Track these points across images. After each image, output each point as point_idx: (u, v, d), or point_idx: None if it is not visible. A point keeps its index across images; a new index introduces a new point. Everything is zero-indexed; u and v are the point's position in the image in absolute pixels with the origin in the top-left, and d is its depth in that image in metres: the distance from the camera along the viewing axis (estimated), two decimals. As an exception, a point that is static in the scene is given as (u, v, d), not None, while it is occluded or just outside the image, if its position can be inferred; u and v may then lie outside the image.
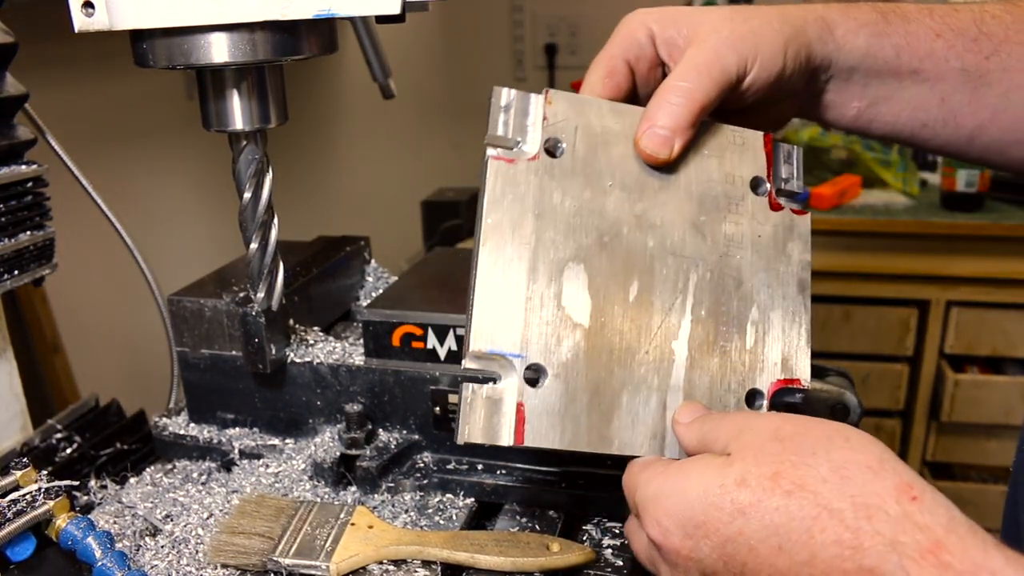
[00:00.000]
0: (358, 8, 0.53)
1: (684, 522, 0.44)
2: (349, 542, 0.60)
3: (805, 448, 0.42)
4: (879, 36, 0.60)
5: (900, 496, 0.39)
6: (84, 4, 0.52)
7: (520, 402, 0.48)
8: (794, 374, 0.54)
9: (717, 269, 0.54)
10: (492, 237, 0.50)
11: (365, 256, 0.91)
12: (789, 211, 0.57)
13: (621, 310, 0.51)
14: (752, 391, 0.53)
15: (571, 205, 0.52)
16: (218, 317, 0.73)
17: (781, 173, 0.59)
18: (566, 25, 2.96)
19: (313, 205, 2.16)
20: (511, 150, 0.52)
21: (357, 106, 2.32)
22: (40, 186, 0.73)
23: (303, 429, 0.74)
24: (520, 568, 0.58)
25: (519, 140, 0.52)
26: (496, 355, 0.49)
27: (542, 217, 0.51)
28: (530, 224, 0.51)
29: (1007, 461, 2.38)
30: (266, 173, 0.64)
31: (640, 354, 0.51)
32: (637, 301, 0.52)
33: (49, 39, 1.04)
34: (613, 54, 0.59)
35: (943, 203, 2.00)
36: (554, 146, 0.53)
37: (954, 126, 0.62)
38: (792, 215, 0.57)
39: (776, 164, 0.59)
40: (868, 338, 2.06)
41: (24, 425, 0.79)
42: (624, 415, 0.50)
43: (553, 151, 0.53)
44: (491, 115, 0.52)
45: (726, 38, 0.55)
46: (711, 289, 0.54)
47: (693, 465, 0.45)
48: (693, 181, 0.55)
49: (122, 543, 0.63)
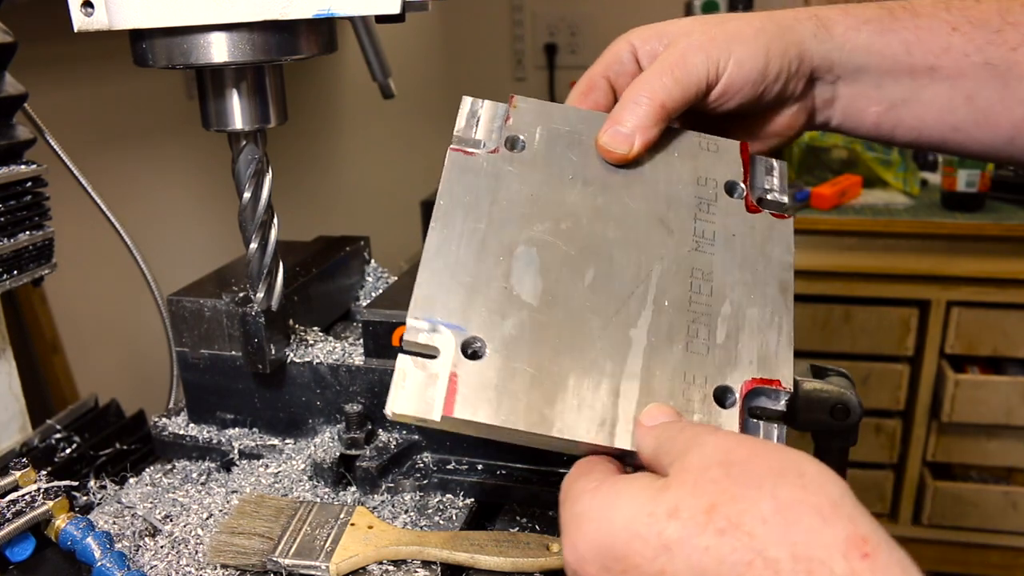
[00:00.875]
0: (358, 8, 0.53)
1: (603, 552, 0.38)
2: (349, 542, 0.60)
3: (751, 479, 0.36)
4: (884, 32, 0.57)
5: (850, 551, 0.33)
6: (83, 4, 0.51)
7: (454, 372, 0.47)
8: (773, 375, 0.51)
9: (685, 263, 0.53)
10: (443, 216, 0.51)
11: (365, 256, 0.91)
12: (768, 214, 0.56)
13: (575, 294, 0.50)
14: (722, 388, 0.50)
15: (528, 193, 0.53)
16: (218, 317, 0.73)
17: (761, 183, 0.58)
18: (566, 25, 2.96)
19: (313, 205, 2.16)
20: (473, 146, 0.54)
21: (357, 106, 2.32)
22: (39, 186, 0.73)
23: (303, 429, 0.74)
24: (520, 568, 0.58)
25: (482, 140, 0.55)
26: (435, 324, 0.48)
27: (496, 203, 0.52)
28: (484, 207, 0.52)
29: (1008, 461, 2.38)
30: (266, 173, 0.64)
31: (593, 338, 0.49)
32: (593, 287, 0.51)
33: (49, 39, 1.04)
34: (593, 72, 0.60)
35: (944, 203, 2.00)
36: (514, 142, 0.54)
37: (989, 127, 0.58)
38: (772, 218, 0.56)
39: (754, 173, 0.58)
40: (868, 338, 2.06)
41: (23, 425, 0.79)
42: (570, 398, 0.48)
43: (513, 145, 0.54)
44: (458, 119, 0.55)
45: (695, 41, 0.55)
46: (676, 282, 0.52)
47: (627, 486, 0.40)
48: (661, 180, 0.55)
49: (121, 543, 0.63)
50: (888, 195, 2.10)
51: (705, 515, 0.36)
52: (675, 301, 0.52)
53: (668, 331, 0.51)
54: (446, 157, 0.53)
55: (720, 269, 0.53)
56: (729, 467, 0.37)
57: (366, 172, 2.47)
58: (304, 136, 2.09)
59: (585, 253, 0.52)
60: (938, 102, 0.58)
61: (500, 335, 0.48)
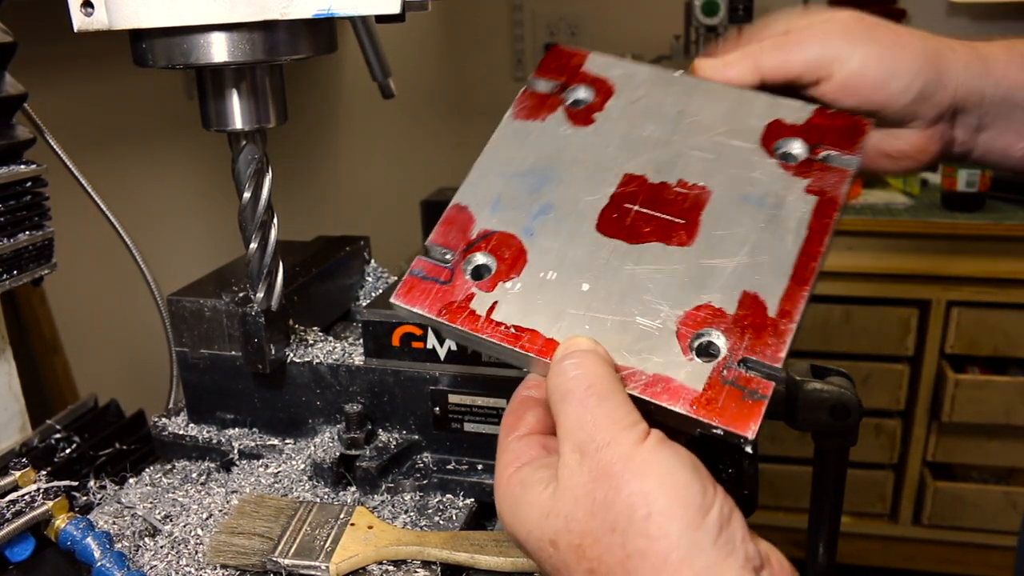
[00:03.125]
0: (358, 8, 0.53)
1: (521, 544, 0.45)
2: (349, 542, 0.60)
3: (607, 523, 0.40)
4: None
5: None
6: (83, 4, 0.51)
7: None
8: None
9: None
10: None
11: (365, 256, 0.91)
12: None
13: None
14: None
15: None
16: (218, 317, 0.73)
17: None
18: (566, 25, 2.96)
19: (313, 205, 2.16)
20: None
21: (357, 106, 2.32)
22: (39, 186, 0.73)
23: (303, 429, 0.74)
24: (520, 568, 0.58)
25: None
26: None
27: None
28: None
29: (1008, 462, 2.38)
30: (266, 173, 0.64)
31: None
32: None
33: (49, 39, 1.04)
34: (744, 32, 0.62)
35: (944, 203, 2.00)
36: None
37: None
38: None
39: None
40: (868, 338, 2.06)
41: (23, 425, 0.79)
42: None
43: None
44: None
45: (821, 31, 0.57)
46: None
47: (522, 501, 0.44)
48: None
49: (121, 543, 0.63)
50: (888, 195, 2.10)
51: (576, 554, 0.41)
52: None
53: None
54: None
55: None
56: (593, 504, 0.41)
57: (366, 172, 2.47)
58: (304, 136, 2.09)
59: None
60: None
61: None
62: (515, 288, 0.49)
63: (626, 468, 0.41)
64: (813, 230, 0.50)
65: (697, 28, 2.29)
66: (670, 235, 0.50)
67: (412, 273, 0.51)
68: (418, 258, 0.51)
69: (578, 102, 0.56)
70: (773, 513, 2.20)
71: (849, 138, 0.53)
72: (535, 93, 0.57)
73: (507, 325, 0.48)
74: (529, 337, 0.48)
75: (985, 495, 2.12)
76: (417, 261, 0.51)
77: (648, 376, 0.46)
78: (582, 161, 0.54)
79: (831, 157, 0.53)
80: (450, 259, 0.51)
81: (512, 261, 0.50)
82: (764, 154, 0.53)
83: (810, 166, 0.52)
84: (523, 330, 0.48)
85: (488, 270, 0.50)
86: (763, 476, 1.72)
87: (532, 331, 0.48)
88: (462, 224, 0.52)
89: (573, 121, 0.55)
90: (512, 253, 0.51)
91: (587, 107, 0.56)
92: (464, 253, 0.51)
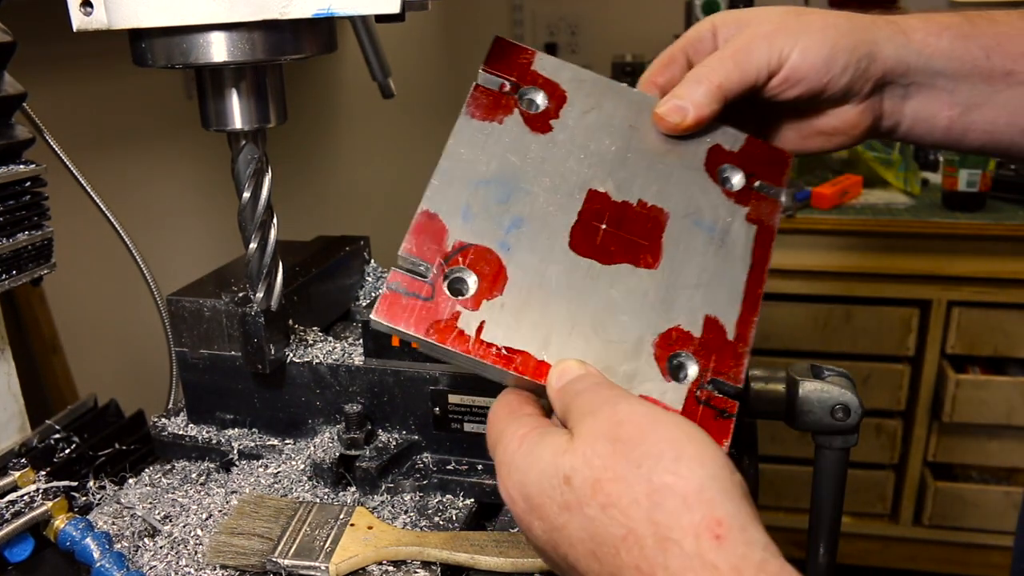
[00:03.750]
0: (358, 7, 0.53)
1: (524, 498, 0.44)
2: (348, 543, 0.60)
3: (632, 459, 0.41)
4: (964, 38, 0.59)
5: (702, 533, 0.38)
6: (83, 3, 0.51)
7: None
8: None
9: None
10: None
11: (365, 256, 0.91)
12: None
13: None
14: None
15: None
16: (217, 317, 0.73)
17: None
18: (566, 24, 2.96)
19: (313, 205, 2.16)
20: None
21: (357, 106, 2.32)
22: (38, 186, 0.73)
23: (302, 429, 0.74)
24: (520, 568, 0.58)
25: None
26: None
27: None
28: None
29: (1009, 462, 2.38)
30: (265, 173, 0.64)
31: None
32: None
33: (49, 39, 1.04)
34: (675, 47, 0.62)
35: (944, 203, 1.99)
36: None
37: None
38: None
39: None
40: (869, 338, 2.06)
41: (22, 425, 0.79)
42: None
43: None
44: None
45: (764, 29, 0.58)
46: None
47: (540, 445, 0.45)
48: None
49: (121, 544, 0.63)
50: (889, 195, 2.10)
51: (591, 488, 0.41)
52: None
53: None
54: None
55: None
56: (615, 443, 0.41)
57: (366, 172, 2.47)
58: (304, 136, 2.09)
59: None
60: (1012, 105, 0.60)
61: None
62: (500, 307, 0.50)
63: (651, 418, 0.42)
64: (756, 259, 0.54)
65: (697, 28, 2.28)
66: (637, 257, 0.53)
67: (391, 288, 0.50)
68: (394, 270, 0.51)
69: (533, 103, 0.57)
70: (773, 513, 2.20)
71: (776, 170, 0.58)
72: (488, 90, 0.57)
73: (498, 346, 0.49)
74: (521, 359, 0.49)
75: (986, 495, 2.12)
76: (394, 274, 0.50)
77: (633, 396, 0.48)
78: (546, 172, 0.55)
79: (763, 187, 0.57)
80: (426, 272, 0.51)
81: (493, 277, 0.51)
82: (709, 179, 0.57)
83: (748, 195, 0.56)
84: (514, 351, 0.49)
85: (468, 287, 0.51)
86: (763, 476, 1.72)
87: (523, 353, 0.49)
88: (434, 233, 0.52)
89: (531, 127, 0.56)
90: (492, 269, 0.51)
91: (543, 113, 0.57)
92: (442, 267, 0.51)
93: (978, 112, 0.61)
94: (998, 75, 0.59)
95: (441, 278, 0.50)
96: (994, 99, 0.60)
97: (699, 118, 0.56)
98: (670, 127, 0.57)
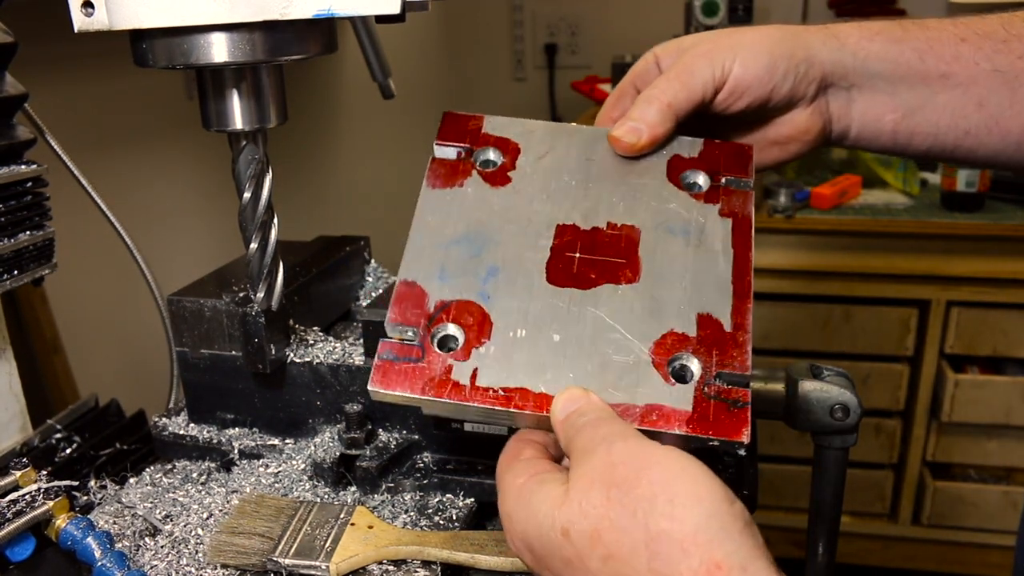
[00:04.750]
0: (358, 8, 0.53)
1: (529, 549, 0.45)
2: (349, 542, 0.60)
3: (627, 507, 0.40)
4: (897, 42, 0.61)
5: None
6: (84, 4, 0.51)
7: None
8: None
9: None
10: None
11: (365, 256, 0.91)
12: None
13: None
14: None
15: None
16: (218, 317, 0.73)
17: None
18: (566, 25, 2.96)
19: (313, 205, 2.16)
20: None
21: (357, 106, 2.32)
22: (40, 186, 0.73)
23: (303, 429, 0.74)
24: (520, 568, 0.58)
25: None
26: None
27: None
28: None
29: (1008, 461, 2.38)
30: (266, 173, 0.64)
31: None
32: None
33: (49, 39, 1.04)
34: (624, 82, 0.65)
35: (943, 203, 2.00)
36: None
37: (999, 132, 0.62)
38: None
39: None
40: (868, 338, 2.06)
41: (24, 425, 0.79)
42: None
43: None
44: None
45: (702, 49, 0.61)
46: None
47: (535, 495, 0.45)
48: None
49: (122, 543, 0.63)
50: (888, 195, 2.10)
51: (590, 540, 0.41)
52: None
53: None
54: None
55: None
56: (611, 488, 0.41)
57: (366, 172, 2.47)
58: (304, 136, 2.09)
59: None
60: (951, 107, 0.61)
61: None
62: (490, 352, 0.51)
63: (643, 457, 0.42)
64: (737, 249, 0.55)
65: (697, 28, 2.28)
66: (617, 275, 0.53)
67: (382, 358, 0.51)
68: (383, 342, 0.51)
69: (488, 162, 0.59)
70: (773, 513, 2.20)
71: (740, 163, 0.60)
72: (445, 161, 0.59)
73: (494, 389, 0.49)
74: (520, 395, 0.49)
75: (985, 495, 2.12)
76: (383, 345, 0.51)
77: (641, 407, 0.49)
78: (512, 219, 0.56)
79: (731, 181, 0.59)
80: (414, 337, 0.51)
81: (478, 326, 0.51)
82: (673, 187, 0.58)
83: (716, 192, 0.58)
84: (511, 390, 0.49)
85: (456, 340, 0.51)
86: (763, 476, 1.72)
87: (521, 389, 0.50)
88: (415, 299, 0.53)
89: (490, 183, 0.58)
90: (476, 319, 0.52)
91: (499, 168, 0.59)
92: (428, 328, 0.52)
93: (921, 114, 0.62)
94: (934, 77, 0.61)
95: (428, 338, 0.51)
96: (933, 101, 0.62)
97: (653, 137, 0.58)
98: (627, 147, 0.58)
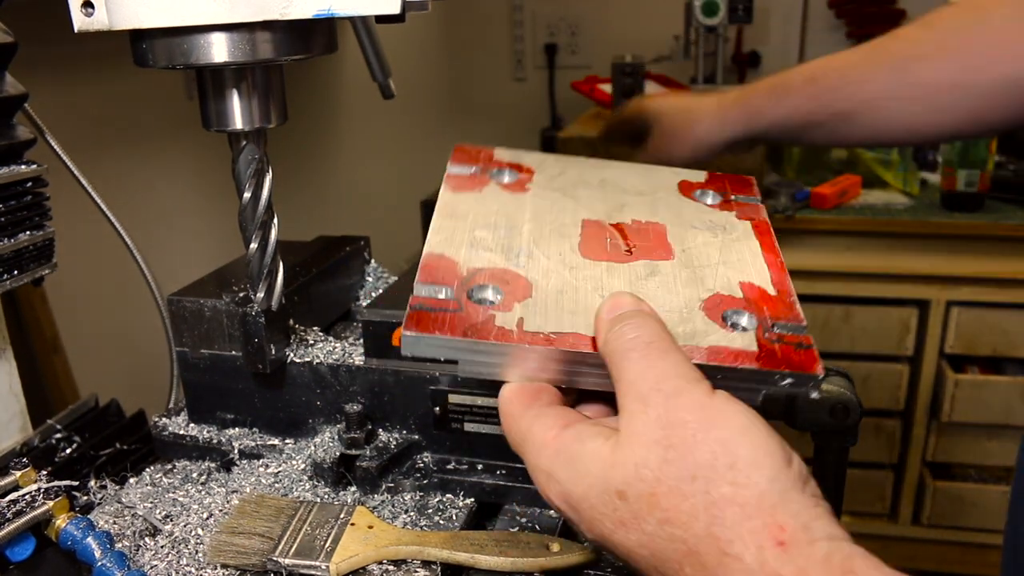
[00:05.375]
0: (358, 8, 0.53)
1: (572, 508, 0.43)
2: (349, 542, 0.60)
3: (685, 471, 0.39)
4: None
5: (764, 542, 0.36)
6: (84, 4, 0.51)
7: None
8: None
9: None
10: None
11: (365, 256, 0.91)
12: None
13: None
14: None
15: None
16: (218, 317, 0.73)
17: None
18: (566, 25, 2.96)
19: (313, 205, 2.16)
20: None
21: (357, 106, 2.32)
22: (40, 186, 0.73)
23: (303, 429, 0.74)
24: (520, 568, 0.58)
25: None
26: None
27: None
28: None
29: (1008, 461, 2.38)
30: (266, 173, 0.64)
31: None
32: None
33: (49, 39, 1.04)
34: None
35: (943, 203, 1.99)
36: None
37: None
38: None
39: None
40: (868, 338, 2.06)
41: (23, 425, 0.79)
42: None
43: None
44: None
45: (645, 103, 0.75)
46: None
47: (581, 454, 0.42)
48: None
49: (122, 543, 0.63)
50: (888, 195, 2.10)
51: (648, 502, 0.39)
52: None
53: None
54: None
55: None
56: (668, 450, 0.39)
57: (366, 172, 2.47)
58: (304, 136, 2.09)
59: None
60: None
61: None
62: (534, 305, 0.47)
63: (702, 417, 0.40)
64: (763, 236, 0.57)
65: (697, 28, 2.29)
66: (651, 253, 0.53)
67: (414, 307, 0.46)
68: (413, 295, 0.47)
69: (503, 178, 0.60)
70: (773, 513, 2.20)
71: (745, 185, 0.62)
72: (460, 175, 0.59)
73: (544, 333, 0.45)
74: (573, 338, 0.45)
75: (984, 495, 2.12)
76: (415, 298, 0.47)
77: (704, 348, 0.46)
78: (538, 216, 0.55)
79: (740, 199, 0.61)
80: (447, 294, 0.47)
81: (516, 287, 0.48)
82: (688, 199, 0.60)
83: (730, 204, 0.60)
84: (562, 334, 0.45)
85: (495, 297, 0.47)
86: (763, 476, 1.72)
87: (573, 333, 0.45)
88: (446, 266, 0.49)
89: (510, 191, 0.58)
90: (513, 281, 0.48)
91: (518, 181, 0.59)
92: (463, 286, 0.48)
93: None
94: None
95: (465, 295, 0.47)
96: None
97: None
98: None
